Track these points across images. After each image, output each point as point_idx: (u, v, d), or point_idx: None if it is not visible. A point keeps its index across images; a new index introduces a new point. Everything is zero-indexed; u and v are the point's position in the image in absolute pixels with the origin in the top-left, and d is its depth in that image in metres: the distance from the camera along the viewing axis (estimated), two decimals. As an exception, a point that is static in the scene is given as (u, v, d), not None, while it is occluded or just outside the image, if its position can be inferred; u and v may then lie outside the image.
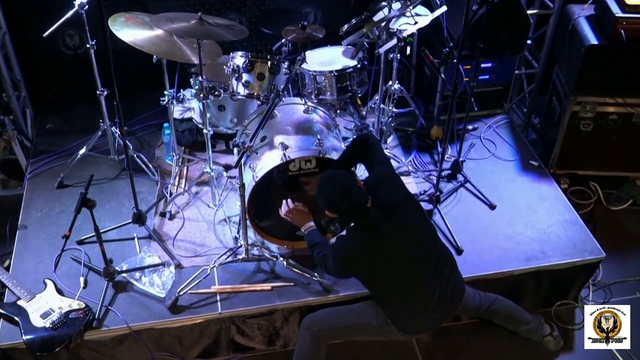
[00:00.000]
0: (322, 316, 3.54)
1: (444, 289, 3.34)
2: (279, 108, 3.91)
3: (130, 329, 3.61)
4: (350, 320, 3.49)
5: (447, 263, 3.41)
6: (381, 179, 3.37)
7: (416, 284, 3.30)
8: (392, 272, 3.26)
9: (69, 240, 3.75)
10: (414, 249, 3.27)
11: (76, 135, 4.88)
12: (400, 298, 3.33)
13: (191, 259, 3.99)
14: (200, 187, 4.50)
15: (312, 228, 3.55)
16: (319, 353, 3.52)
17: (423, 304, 3.33)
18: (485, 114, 5.22)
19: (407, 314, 3.36)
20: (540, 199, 4.46)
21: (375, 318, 3.40)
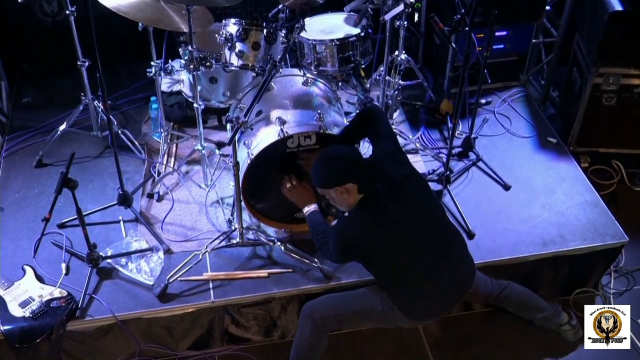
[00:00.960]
0: (324, 303, 3.55)
1: (453, 271, 3.36)
2: (275, 80, 3.90)
3: (116, 318, 3.62)
4: (353, 306, 3.50)
5: (457, 244, 3.43)
6: (385, 155, 3.39)
7: (424, 266, 3.31)
8: (397, 254, 3.28)
9: (49, 223, 3.77)
10: (420, 229, 3.29)
11: (56, 110, 4.88)
12: (407, 282, 3.35)
13: (181, 244, 4.00)
14: (190, 166, 4.50)
15: (315, 209, 3.57)
16: (320, 342, 3.55)
17: (431, 288, 3.35)
18: (499, 86, 5.21)
19: (414, 299, 3.38)
20: (558, 179, 4.46)
21: (380, 304, 3.42)
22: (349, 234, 3.29)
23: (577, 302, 4.13)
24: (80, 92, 4.41)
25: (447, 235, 3.40)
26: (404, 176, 3.31)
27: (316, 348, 3.55)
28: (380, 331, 3.90)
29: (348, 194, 3.23)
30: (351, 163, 3.23)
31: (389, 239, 3.24)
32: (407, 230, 3.26)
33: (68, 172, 3.38)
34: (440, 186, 4.26)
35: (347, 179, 3.21)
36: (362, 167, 3.23)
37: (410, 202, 3.27)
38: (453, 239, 3.43)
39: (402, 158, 3.42)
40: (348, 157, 3.25)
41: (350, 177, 3.21)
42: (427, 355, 3.88)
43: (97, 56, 3.50)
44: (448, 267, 3.35)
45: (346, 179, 3.21)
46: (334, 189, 3.23)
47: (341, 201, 3.28)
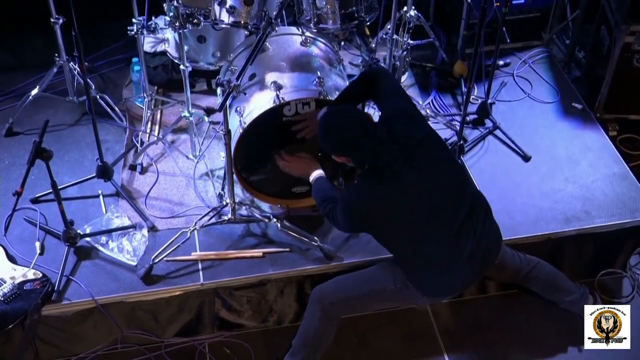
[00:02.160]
0: (333, 286, 3.55)
1: (476, 241, 3.29)
2: (270, 39, 3.88)
3: (96, 302, 3.64)
4: (364, 287, 3.50)
5: (481, 210, 3.36)
6: (396, 114, 3.34)
7: (443, 237, 3.27)
8: (412, 224, 3.25)
9: (21, 198, 3.76)
10: (438, 195, 3.24)
11: (27, 72, 4.86)
12: (424, 255, 3.31)
13: (167, 221, 4.02)
14: (177, 135, 4.50)
15: (321, 175, 3.56)
16: (329, 331, 3.55)
17: (451, 260, 3.30)
18: (519, 46, 5.20)
19: (432, 273, 3.34)
20: (583, 149, 4.47)
21: (392, 282, 3.40)
22: (358, 202, 3.28)
23: (603, 284, 4.16)
24: (54, 53, 4.39)
25: (470, 201, 3.32)
26: (420, 137, 3.26)
27: (324, 337, 3.56)
28: (386, 316, 3.93)
29: (349, 162, 3.27)
30: (351, 138, 3.19)
31: (402, 207, 3.22)
32: (423, 197, 3.22)
33: (41, 141, 3.38)
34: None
35: (346, 153, 3.23)
36: (366, 142, 3.18)
37: (428, 165, 3.23)
38: (476, 204, 3.36)
39: (417, 116, 3.39)
40: (349, 130, 3.20)
41: (349, 152, 3.22)
42: (437, 341, 3.91)
43: (72, 12, 3.48)
44: (472, 237, 3.28)
45: (345, 153, 3.23)
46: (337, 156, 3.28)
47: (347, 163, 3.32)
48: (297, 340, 3.59)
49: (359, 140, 3.17)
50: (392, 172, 3.18)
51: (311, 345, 3.56)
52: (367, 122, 3.24)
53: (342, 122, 3.25)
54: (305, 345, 3.56)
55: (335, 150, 3.27)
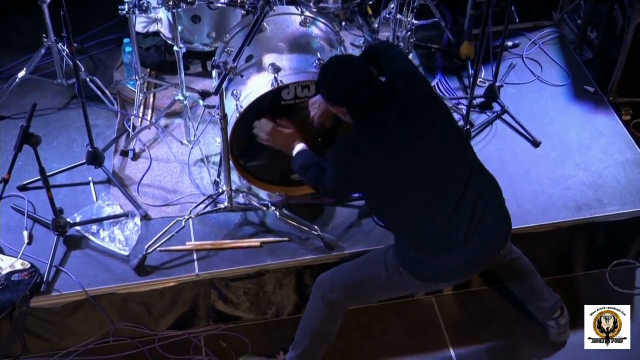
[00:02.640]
0: (332, 274, 3.51)
1: (475, 226, 3.18)
2: (268, 19, 3.86)
3: (87, 294, 3.65)
4: (359, 274, 3.45)
5: (485, 191, 3.24)
6: (399, 73, 3.27)
7: (437, 212, 3.17)
8: (405, 190, 3.16)
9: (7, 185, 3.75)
10: (434, 162, 3.15)
11: (13, 53, 4.85)
12: (417, 230, 3.22)
13: (161, 209, 4.02)
14: (170, 119, 4.50)
15: (304, 147, 3.51)
16: (331, 322, 3.50)
17: (444, 242, 3.20)
18: (529, 26, 5.19)
19: (424, 255, 3.24)
20: (596, 134, 4.47)
21: (384, 267, 3.34)
22: (347, 157, 3.18)
23: (615, 274, 4.17)
24: (42, 33, 4.38)
25: (472, 176, 3.21)
26: (422, 94, 3.20)
27: (326, 328, 3.52)
28: (391, 308, 3.95)
29: (344, 115, 3.20)
30: (351, 84, 3.10)
31: (393, 167, 3.11)
32: (417, 161, 3.13)
33: (29, 126, 3.37)
34: (459, 142, 4.26)
35: (343, 102, 3.15)
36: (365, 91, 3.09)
37: (424, 127, 3.15)
38: (480, 182, 3.24)
39: (421, 78, 3.32)
40: (350, 76, 3.12)
41: (347, 100, 3.13)
42: (442, 333, 3.92)
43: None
44: (468, 219, 3.17)
45: (342, 102, 3.15)
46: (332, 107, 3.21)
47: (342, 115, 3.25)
48: (300, 332, 3.57)
49: (358, 89, 3.08)
50: (385, 127, 3.10)
51: (313, 336, 3.53)
52: (369, 73, 3.15)
53: (344, 68, 3.17)
54: (307, 337, 3.54)
55: (333, 97, 3.18)
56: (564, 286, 4.14)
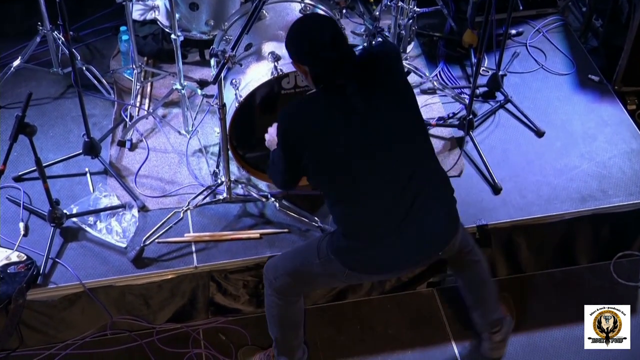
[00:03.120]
0: (276, 260, 3.47)
1: (412, 220, 3.07)
2: (267, 7, 3.87)
3: (84, 286, 3.66)
4: (297, 260, 3.39)
5: (431, 188, 3.12)
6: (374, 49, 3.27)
7: (372, 194, 3.07)
8: (347, 166, 3.04)
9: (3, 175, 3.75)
10: (383, 141, 3.03)
11: (8, 42, 4.84)
12: (352, 214, 3.12)
13: (159, 200, 4.03)
14: (168, 109, 4.50)
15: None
16: (289, 308, 3.42)
17: (378, 231, 3.10)
18: (533, 14, 5.19)
19: (353, 243, 3.13)
20: (600, 124, 4.47)
21: (317, 254, 3.25)
22: (291, 111, 3.10)
23: (620, 267, 4.17)
24: (37, 22, 4.38)
25: (421, 171, 3.10)
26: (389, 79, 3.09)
27: (287, 316, 3.45)
28: (390, 301, 3.96)
29: (305, 75, 3.07)
30: (319, 43, 2.96)
31: (340, 134, 3.00)
32: (366, 134, 3.00)
33: (24, 115, 3.37)
34: (462, 132, 4.26)
35: (306, 61, 3.02)
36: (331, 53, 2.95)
37: (386, 105, 3.04)
38: (428, 178, 3.12)
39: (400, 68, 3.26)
40: (319, 35, 2.98)
41: (310, 59, 3.00)
42: (444, 327, 3.93)
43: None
44: (403, 212, 3.06)
45: (306, 60, 3.02)
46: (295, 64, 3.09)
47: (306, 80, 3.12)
48: (268, 322, 3.53)
49: (325, 48, 2.93)
50: (344, 93, 2.96)
51: (278, 325, 3.49)
52: (340, 36, 3.03)
53: (315, 25, 3.07)
54: (274, 326, 3.50)
55: (297, 54, 3.03)
56: (568, 278, 4.15)
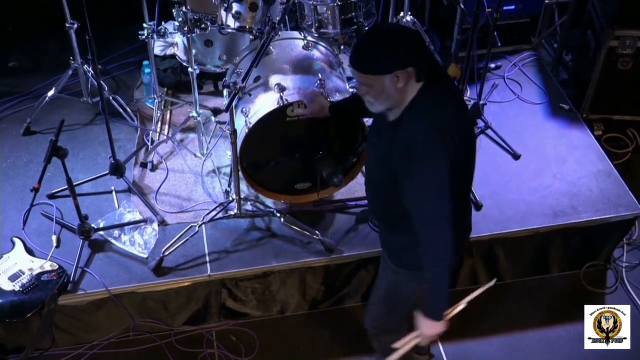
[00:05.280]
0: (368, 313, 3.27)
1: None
2: (274, 43, 3.87)
3: (109, 292, 3.64)
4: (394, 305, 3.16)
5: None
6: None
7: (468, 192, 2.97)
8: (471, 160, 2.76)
9: (38, 193, 3.76)
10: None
11: (43, 74, 4.85)
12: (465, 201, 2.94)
13: (176, 215, 4.01)
14: (185, 134, 4.49)
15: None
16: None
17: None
18: (510, 50, 5.18)
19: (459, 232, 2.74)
20: (570, 148, 4.46)
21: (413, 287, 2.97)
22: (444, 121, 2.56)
23: (588, 276, 4.16)
24: (69, 56, 4.39)
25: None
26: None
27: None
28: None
29: (406, 81, 2.55)
30: (415, 39, 2.59)
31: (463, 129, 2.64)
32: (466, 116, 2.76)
33: (57, 140, 3.38)
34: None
35: (410, 60, 2.53)
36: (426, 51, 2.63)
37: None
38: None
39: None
40: (411, 33, 2.66)
41: (414, 57, 2.54)
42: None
43: (86, 17, 3.47)
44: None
45: (410, 60, 2.53)
46: (393, 74, 2.53)
47: (392, 92, 2.57)
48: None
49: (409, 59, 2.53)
50: (449, 90, 2.70)
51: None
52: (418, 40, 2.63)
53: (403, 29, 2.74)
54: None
55: (405, 57, 2.53)
56: (542, 286, 4.14)
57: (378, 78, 2.54)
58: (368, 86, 2.59)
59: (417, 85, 2.58)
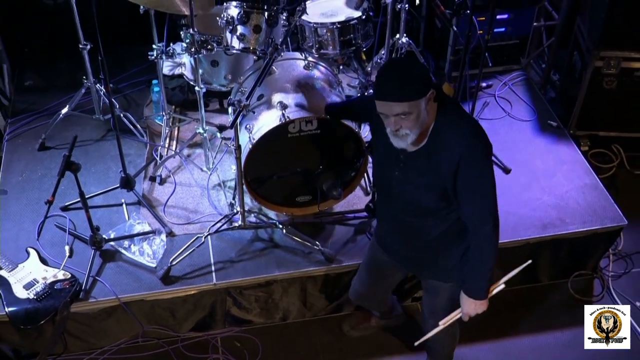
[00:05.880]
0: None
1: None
2: (276, 64, 3.88)
3: (119, 300, 3.64)
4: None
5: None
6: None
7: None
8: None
9: (52, 206, 3.77)
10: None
11: (58, 93, 4.87)
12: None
13: (184, 227, 4.01)
14: (192, 150, 4.50)
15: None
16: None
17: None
18: (500, 70, 5.20)
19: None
20: (558, 162, 4.47)
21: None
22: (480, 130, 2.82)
23: (576, 284, 4.16)
24: (82, 75, 4.41)
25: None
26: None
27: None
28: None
29: (431, 102, 2.69)
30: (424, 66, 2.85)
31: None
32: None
33: (71, 155, 3.39)
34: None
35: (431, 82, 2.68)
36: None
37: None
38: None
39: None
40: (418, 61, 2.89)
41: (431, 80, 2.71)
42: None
43: (98, 39, 3.49)
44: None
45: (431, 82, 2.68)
46: (425, 97, 2.64)
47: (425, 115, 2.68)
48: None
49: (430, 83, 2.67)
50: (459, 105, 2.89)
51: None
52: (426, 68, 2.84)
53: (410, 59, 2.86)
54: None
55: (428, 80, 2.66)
56: (531, 294, 4.13)
57: (418, 103, 2.62)
58: (407, 115, 2.63)
59: (434, 105, 2.71)
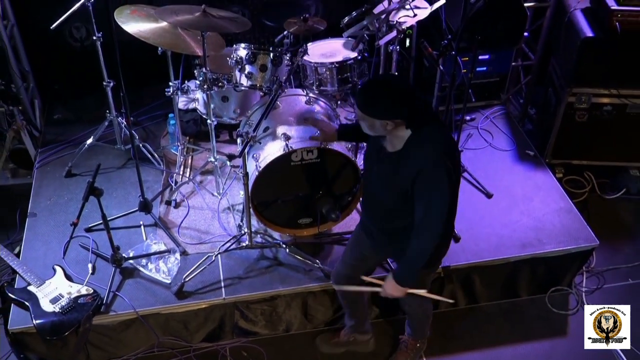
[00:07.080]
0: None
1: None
2: (281, 99, 3.90)
3: (137, 313, 3.63)
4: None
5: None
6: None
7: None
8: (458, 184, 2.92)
9: (77, 227, 3.76)
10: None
11: (83, 125, 4.88)
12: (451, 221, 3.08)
13: (196, 246, 4.00)
14: (204, 176, 4.50)
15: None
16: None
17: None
18: (482, 104, 5.22)
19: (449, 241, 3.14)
20: (535, 188, 4.46)
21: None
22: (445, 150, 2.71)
23: (553, 299, 4.13)
24: (106, 110, 4.43)
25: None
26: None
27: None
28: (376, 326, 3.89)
29: (394, 127, 2.69)
30: (405, 96, 2.64)
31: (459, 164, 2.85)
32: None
33: (94, 181, 3.39)
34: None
35: (398, 115, 2.65)
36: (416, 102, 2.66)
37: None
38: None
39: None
40: (403, 89, 2.67)
41: (401, 113, 2.65)
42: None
43: (121, 77, 3.52)
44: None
45: (397, 115, 2.65)
46: (379, 120, 2.68)
47: (379, 131, 2.75)
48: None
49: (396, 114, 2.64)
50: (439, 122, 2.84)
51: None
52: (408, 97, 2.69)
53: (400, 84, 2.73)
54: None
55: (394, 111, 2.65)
56: (512, 308, 4.11)
57: (369, 118, 2.71)
58: (362, 119, 2.76)
59: (400, 128, 2.73)
